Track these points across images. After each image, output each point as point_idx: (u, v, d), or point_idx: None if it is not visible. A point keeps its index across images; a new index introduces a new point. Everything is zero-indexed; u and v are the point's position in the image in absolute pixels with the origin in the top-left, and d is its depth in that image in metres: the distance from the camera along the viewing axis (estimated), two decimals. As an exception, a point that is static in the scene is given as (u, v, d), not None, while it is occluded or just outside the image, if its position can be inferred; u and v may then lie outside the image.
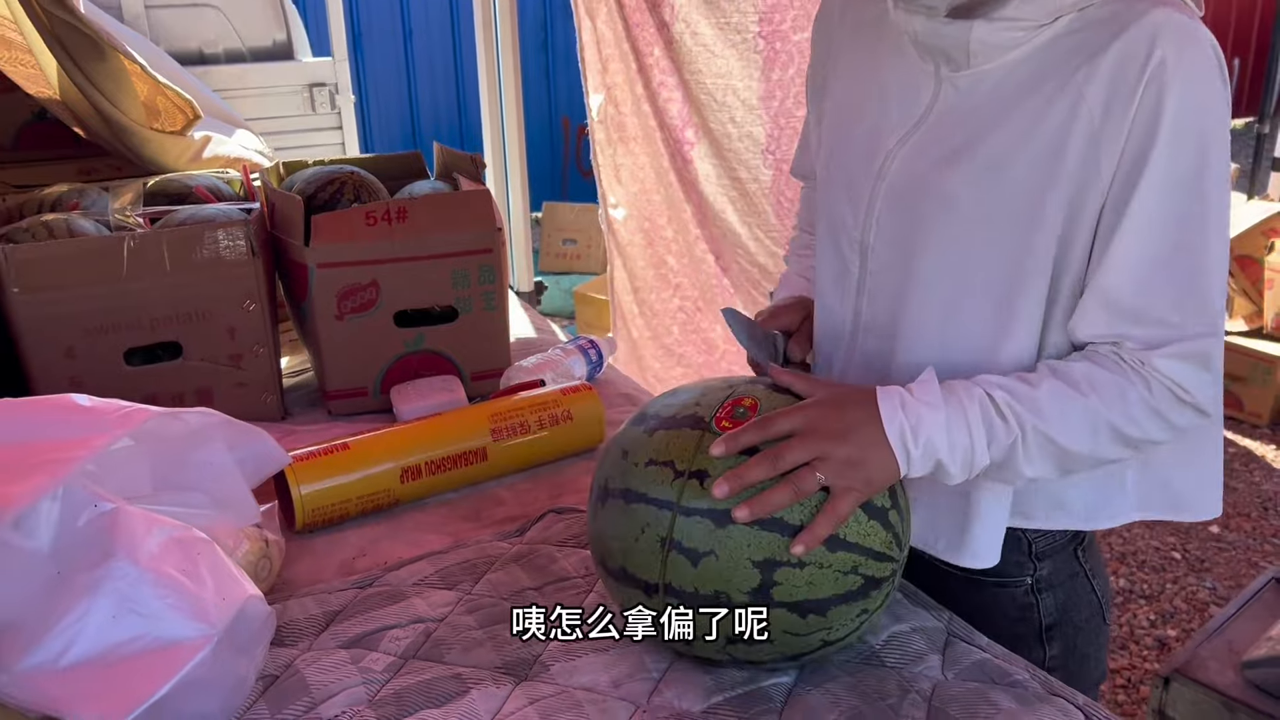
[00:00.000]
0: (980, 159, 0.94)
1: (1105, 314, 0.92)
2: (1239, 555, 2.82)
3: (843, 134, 1.09)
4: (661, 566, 0.85)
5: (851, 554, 0.84)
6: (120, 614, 0.83)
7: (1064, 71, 0.90)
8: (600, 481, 0.93)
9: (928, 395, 0.89)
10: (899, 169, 1.00)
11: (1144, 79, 0.86)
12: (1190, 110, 0.86)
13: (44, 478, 0.84)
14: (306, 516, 1.20)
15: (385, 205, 1.45)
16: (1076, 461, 0.92)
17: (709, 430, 0.87)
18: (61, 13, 1.74)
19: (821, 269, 1.13)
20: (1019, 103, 0.93)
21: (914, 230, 0.99)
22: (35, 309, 1.35)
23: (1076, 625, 1.11)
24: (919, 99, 1.00)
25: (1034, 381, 0.91)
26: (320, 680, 0.93)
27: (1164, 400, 0.90)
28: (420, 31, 6.13)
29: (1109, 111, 0.88)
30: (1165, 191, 0.87)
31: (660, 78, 2.82)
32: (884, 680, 0.91)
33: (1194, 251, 0.89)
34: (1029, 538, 1.07)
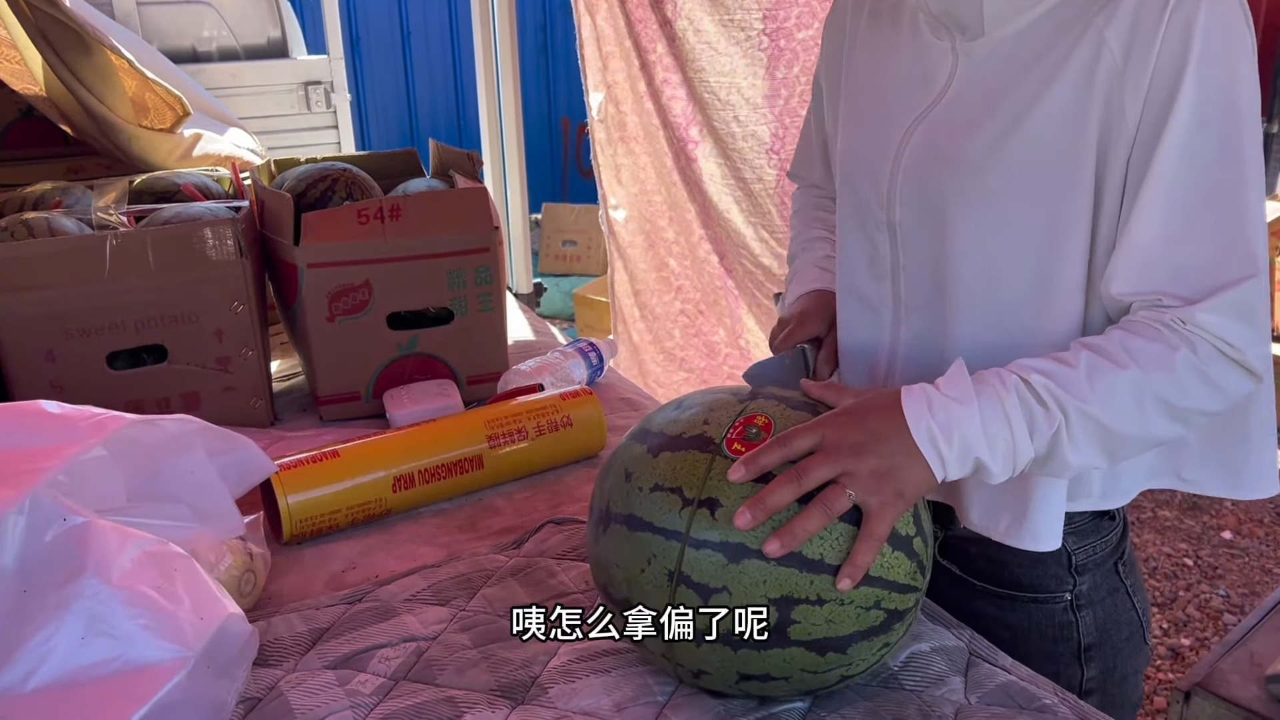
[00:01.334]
0: (999, 121, 0.90)
1: (1138, 265, 0.86)
2: (1252, 562, 2.77)
3: (860, 120, 1.06)
4: (669, 600, 0.79)
5: (874, 589, 0.78)
6: (90, 635, 0.78)
7: (1081, 21, 0.86)
8: (602, 503, 0.86)
9: (957, 390, 0.82)
10: (917, 142, 0.97)
11: (1165, 15, 0.82)
12: (1216, 47, 0.82)
13: (9, 490, 0.79)
14: (294, 527, 1.14)
15: (378, 203, 1.40)
16: (1124, 443, 0.85)
17: (720, 454, 0.80)
18: (46, 6, 1.69)
19: (850, 257, 1.08)
20: (1037, 61, 0.89)
21: (940, 204, 0.95)
22: (14, 310, 1.30)
23: (1117, 645, 1.05)
24: (936, 77, 0.97)
25: (1070, 360, 0.84)
26: (305, 704, 0.87)
27: (1211, 361, 0.83)
28: (418, 32, 6.09)
29: (1131, 50, 0.84)
30: (1195, 130, 0.83)
31: (664, 75, 2.77)
32: (903, 705, 0.85)
33: (1229, 191, 0.84)
34: (1069, 549, 1.01)
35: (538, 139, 5.75)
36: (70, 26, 1.74)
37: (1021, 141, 0.89)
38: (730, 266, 2.93)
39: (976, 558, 1.05)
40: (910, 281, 1.01)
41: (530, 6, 6.07)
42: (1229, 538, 2.90)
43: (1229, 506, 3.07)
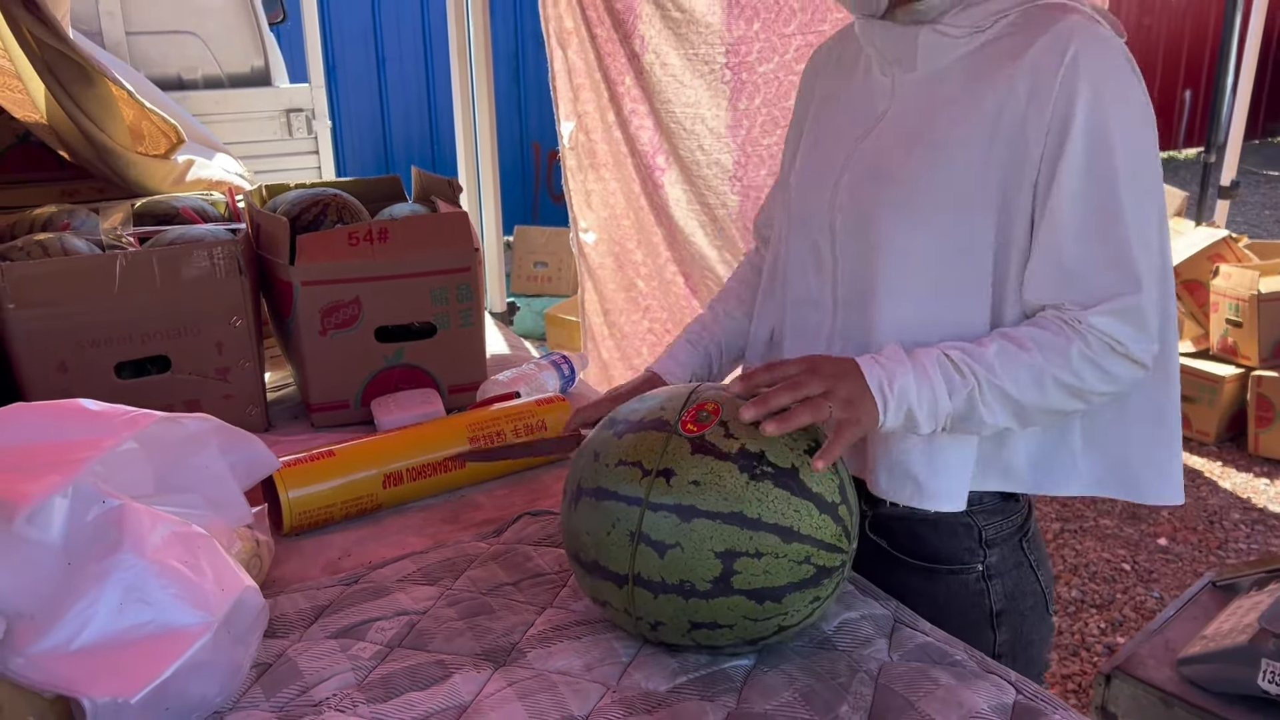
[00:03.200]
0: (923, 146, 1.08)
1: (1048, 278, 1.04)
2: (1185, 566, 2.94)
3: (814, 145, 1.24)
4: (631, 559, 0.93)
5: (805, 545, 0.92)
6: (127, 602, 0.90)
7: (995, 69, 1.05)
8: (574, 482, 1.00)
9: (894, 356, 1.02)
10: (858, 159, 1.14)
11: (1060, 70, 1.00)
12: (1105, 95, 1.00)
13: (55, 476, 0.91)
14: (294, 519, 1.26)
15: (367, 226, 1.53)
16: (1031, 412, 1.03)
17: (675, 432, 0.94)
18: (53, 41, 1.81)
19: (797, 264, 1.22)
20: (958, 96, 1.07)
21: (870, 211, 1.11)
22: (30, 324, 1.41)
23: (1022, 613, 1.20)
24: (877, 104, 1.16)
25: (984, 343, 1.03)
26: (312, 667, 0.99)
27: (1101, 352, 1.01)
28: (393, 60, 6.22)
29: (1033, 97, 1.01)
30: (1085, 169, 1.00)
31: (631, 105, 2.92)
32: (835, 662, 0.99)
33: (1115, 221, 1.00)
34: (979, 525, 1.17)
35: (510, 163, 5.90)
36: (74, 59, 1.85)
37: (940, 164, 1.06)
38: (695, 287, 3.07)
39: (900, 534, 1.20)
40: (845, 277, 1.16)
41: (503, 35, 6.22)
42: (1164, 544, 3.07)
43: (1165, 516, 3.24)
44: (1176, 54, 9.35)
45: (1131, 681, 1.68)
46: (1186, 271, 4.09)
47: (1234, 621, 1.71)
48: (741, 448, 0.93)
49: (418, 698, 0.94)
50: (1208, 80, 9.17)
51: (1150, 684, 1.66)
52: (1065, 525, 3.19)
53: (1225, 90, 4.75)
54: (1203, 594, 1.92)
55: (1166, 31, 9.20)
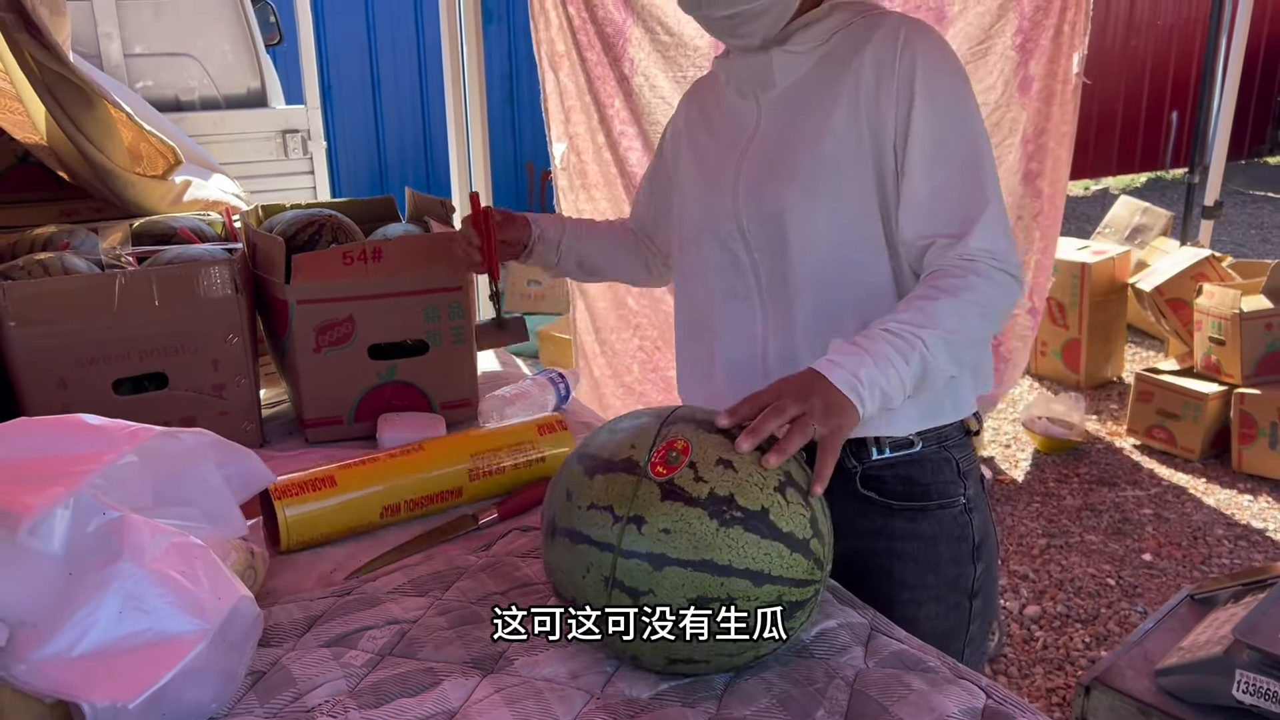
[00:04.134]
0: (805, 140, 1.25)
1: (914, 216, 1.21)
2: (1169, 581, 2.97)
3: (696, 173, 1.39)
4: (606, 600, 0.95)
5: (776, 586, 0.93)
6: (126, 610, 0.92)
7: (844, 65, 1.24)
8: (550, 517, 1.01)
9: (850, 351, 1.09)
10: (748, 168, 1.30)
11: (898, 49, 1.20)
12: (935, 62, 1.21)
13: (57, 488, 0.94)
14: (291, 542, 1.28)
15: (362, 246, 1.57)
16: (963, 347, 1.16)
17: (645, 476, 0.94)
18: (54, 64, 1.85)
19: (717, 274, 1.35)
20: (818, 97, 1.26)
21: (775, 206, 1.26)
22: (31, 341, 1.44)
23: (991, 546, 1.37)
24: (746, 124, 1.33)
25: (904, 308, 1.15)
26: (305, 674, 1.02)
27: (990, 273, 1.16)
28: (388, 81, 6.29)
29: (879, 76, 1.21)
30: (929, 119, 1.19)
31: (621, 127, 2.97)
32: (813, 669, 1.02)
33: (962, 157, 1.20)
34: (955, 458, 1.32)
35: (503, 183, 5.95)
36: (75, 82, 1.89)
37: (825, 149, 1.24)
38: (685, 306, 3.11)
39: (890, 479, 1.31)
40: (765, 269, 1.30)
41: (497, 58, 6.29)
42: (1149, 559, 3.11)
43: (1150, 531, 3.28)
44: (1163, 76, 9.46)
45: (1110, 692, 1.71)
46: (1171, 290, 4.15)
47: (1210, 633, 1.75)
48: (711, 492, 0.93)
49: (408, 704, 0.97)
50: (1193, 102, 9.27)
51: (1128, 694, 1.69)
52: (1051, 541, 3.23)
53: (1210, 112, 4.83)
54: (1181, 607, 1.96)
55: (1153, 54, 9.32)
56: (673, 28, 2.85)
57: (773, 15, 1.24)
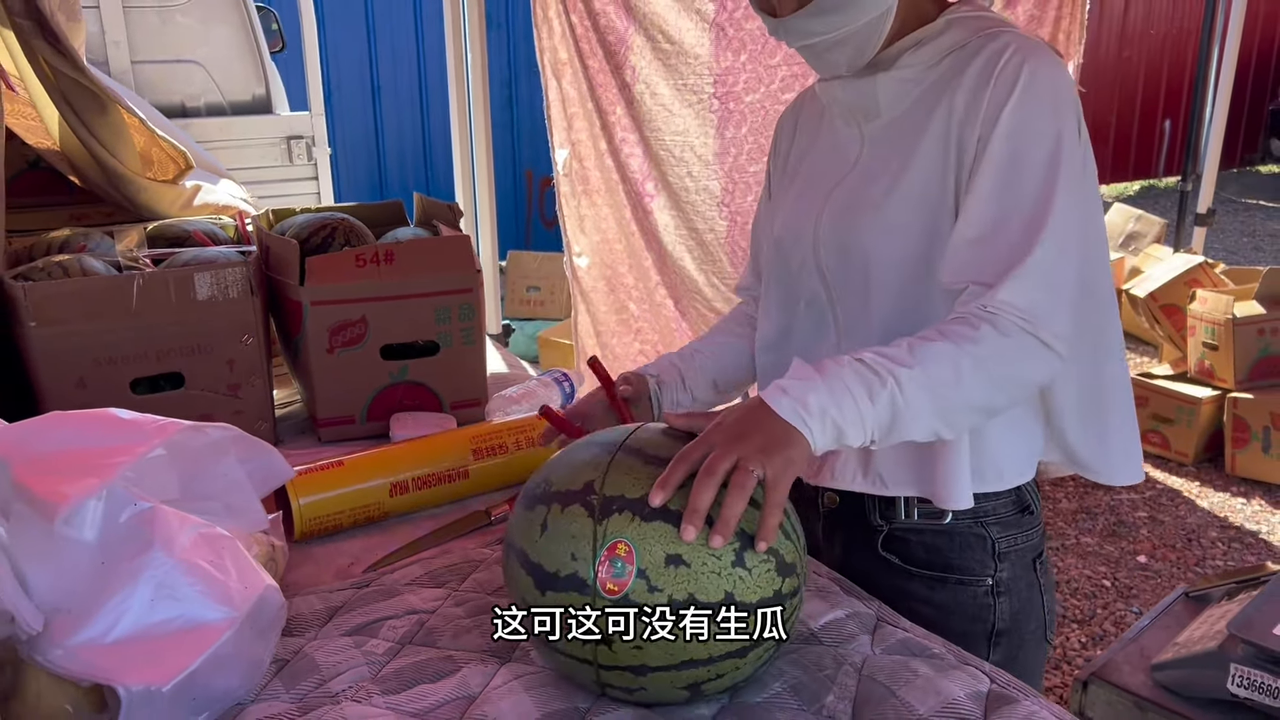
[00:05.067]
0: (892, 171, 1.14)
1: (955, 259, 1.07)
2: (1164, 583, 3.01)
3: (791, 198, 1.29)
4: (600, 691, 0.96)
5: (761, 644, 0.91)
6: (158, 598, 0.95)
7: (944, 92, 1.12)
8: (520, 603, 0.95)
9: (803, 375, 0.98)
10: (835, 200, 1.20)
11: (994, 75, 1.07)
12: (1034, 94, 1.06)
13: (90, 480, 0.97)
14: (305, 526, 1.32)
15: (374, 249, 1.60)
16: (953, 406, 1.01)
17: (597, 595, 0.88)
18: (69, 70, 1.88)
19: (789, 307, 1.27)
20: (914, 126, 1.14)
21: (857, 240, 1.16)
22: (50, 342, 1.47)
23: (1023, 636, 1.23)
24: (848, 154, 1.22)
25: (895, 344, 1.02)
26: (328, 662, 1.05)
27: (1012, 332, 1.01)
28: (388, 89, 6.33)
29: (970, 103, 1.09)
30: (1006, 153, 1.05)
31: (622, 134, 3.00)
32: (821, 656, 1.05)
33: (1028, 199, 1.04)
34: (992, 537, 1.21)
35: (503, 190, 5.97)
36: (89, 87, 1.92)
37: (905, 186, 1.13)
38: (684, 310, 3.15)
39: (915, 545, 1.23)
40: (843, 308, 1.20)
41: (498, 65, 6.33)
42: (1144, 561, 3.14)
43: (1145, 534, 3.32)
44: (1156, 85, 9.54)
45: (1107, 687, 1.74)
46: (1164, 296, 4.20)
47: (1205, 629, 1.78)
48: (670, 600, 0.87)
49: (429, 689, 1.00)
50: (1186, 111, 9.35)
51: (1125, 689, 1.72)
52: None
53: (1203, 120, 4.89)
54: (1176, 604, 1.99)
55: (1146, 64, 9.40)
56: (674, 36, 2.89)
57: (854, 45, 1.12)
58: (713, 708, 0.98)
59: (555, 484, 0.94)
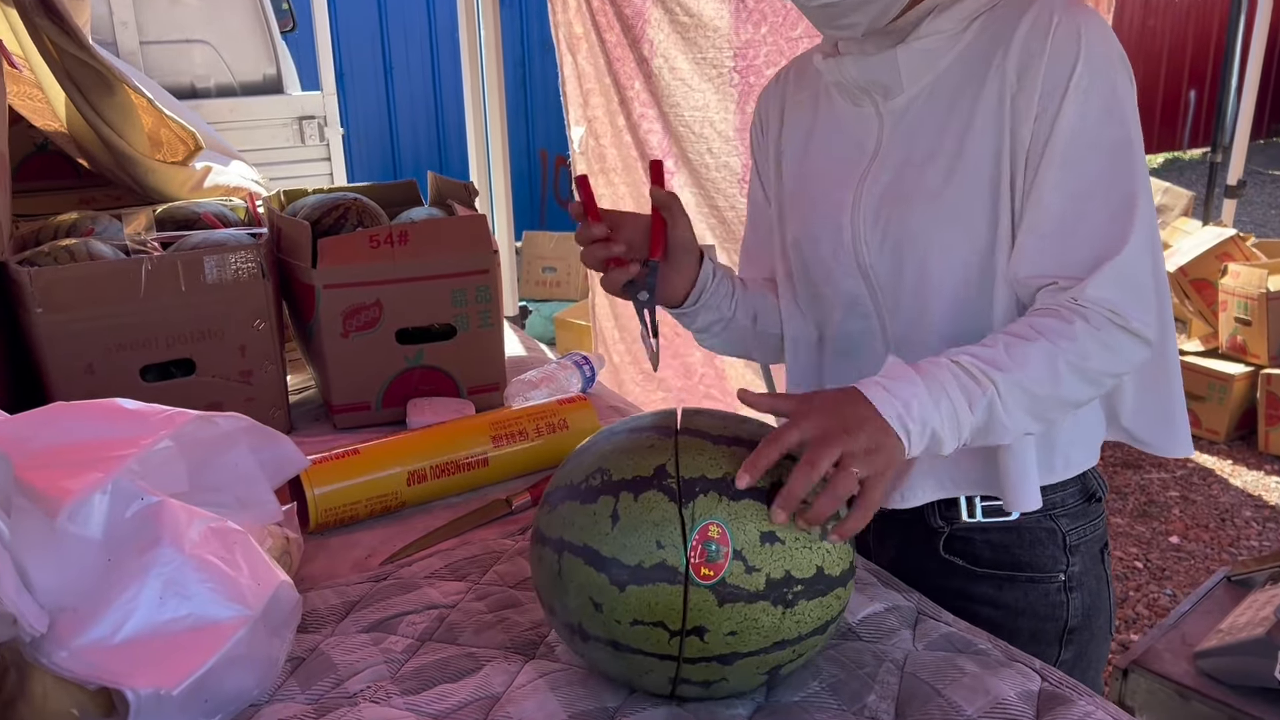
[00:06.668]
0: (943, 156, 1.04)
1: (1035, 251, 1.00)
2: (1198, 564, 2.94)
3: (806, 202, 1.18)
4: (671, 691, 0.90)
5: (838, 621, 0.91)
6: (167, 596, 0.91)
7: (985, 61, 1.02)
8: (571, 619, 0.89)
9: (903, 376, 0.93)
10: (871, 190, 1.09)
11: (1048, 43, 0.98)
12: (1095, 61, 0.98)
13: (96, 473, 0.93)
14: (320, 517, 1.28)
15: (388, 229, 1.55)
16: (1047, 405, 0.97)
17: (690, 583, 0.83)
18: (74, 49, 1.83)
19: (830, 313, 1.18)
20: (956, 102, 1.04)
21: (908, 235, 1.07)
22: (57, 328, 1.43)
23: (1093, 631, 1.16)
24: (866, 140, 1.11)
25: (989, 343, 0.97)
26: (345, 660, 1.00)
27: (1105, 328, 0.97)
28: (400, 68, 6.27)
29: (1023, 73, 1.00)
30: (1078, 129, 0.98)
31: (641, 110, 2.94)
32: (861, 653, 1.00)
33: (1105, 186, 0.98)
34: (1063, 530, 1.13)
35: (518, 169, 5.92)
36: (95, 68, 1.87)
37: (965, 168, 1.03)
38: (705, 290, 3.08)
39: (981, 545, 1.15)
40: (895, 318, 1.11)
41: (510, 43, 6.25)
42: (1176, 542, 3.08)
43: (1177, 514, 3.25)
44: (1180, 55, 9.36)
45: (1148, 675, 1.69)
46: (1194, 271, 4.10)
47: (1250, 615, 1.72)
48: (767, 579, 0.84)
49: (450, 689, 0.96)
50: (1212, 81, 9.18)
51: (1167, 678, 1.67)
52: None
53: (1230, 90, 4.77)
54: (1217, 589, 1.93)
55: (1171, 32, 9.22)
56: (692, 8, 2.82)
57: (875, 9, 1.02)
58: (749, 708, 0.93)
59: (616, 472, 0.88)
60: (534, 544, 0.93)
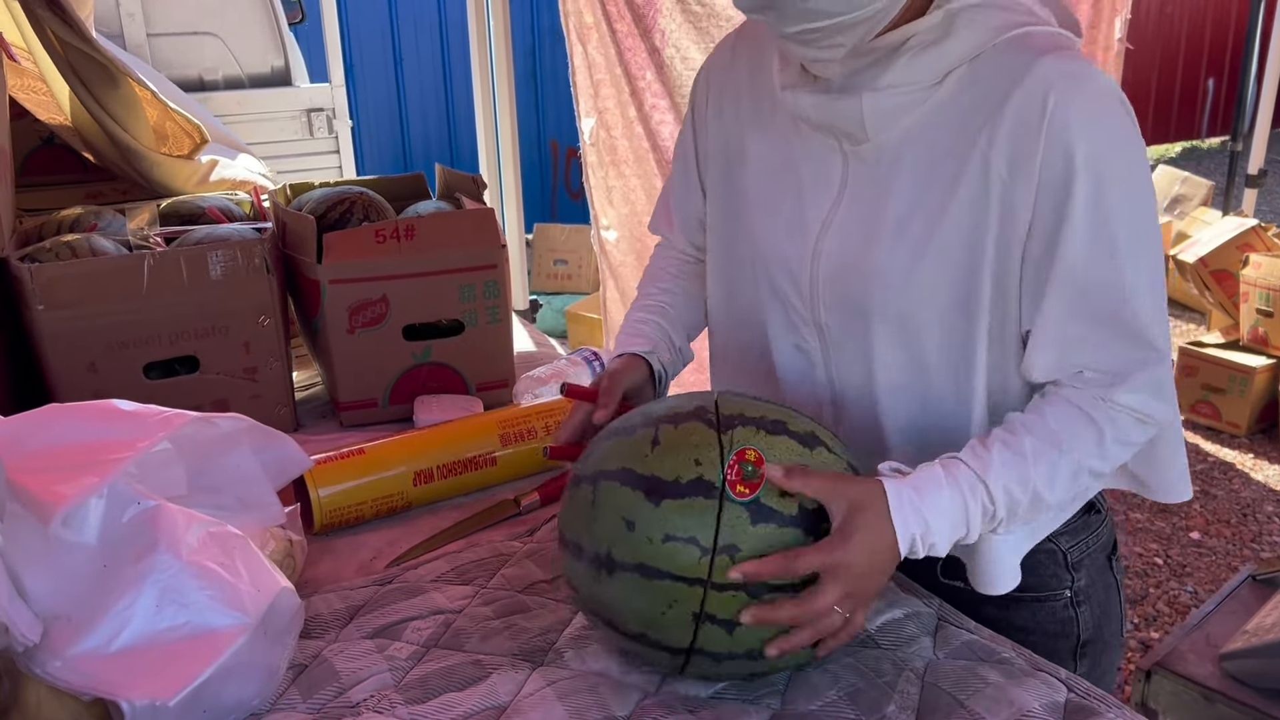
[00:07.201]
0: (909, 239, 0.98)
1: (1053, 359, 0.96)
2: (1219, 560, 2.90)
3: (765, 215, 1.10)
4: (692, 636, 0.86)
5: None
6: (164, 604, 0.89)
7: (967, 133, 0.93)
8: (598, 547, 0.87)
9: (937, 498, 0.90)
10: (832, 249, 1.03)
11: (1043, 131, 0.89)
12: (1095, 159, 0.89)
13: (91, 478, 0.90)
14: (325, 518, 1.25)
15: (394, 223, 1.52)
16: (1053, 506, 0.97)
17: (726, 498, 0.84)
18: (76, 41, 1.80)
19: (776, 338, 1.13)
20: (931, 172, 0.96)
21: (862, 306, 1.02)
22: (59, 325, 1.40)
23: (1106, 640, 1.13)
24: (831, 175, 1.03)
25: (1020, 449, 0.93)
26: (348, 668, 0.98)
27: (1129, 428, 0.96)
28: (410, 59, 6.23)
29: (1014, 168, 0.91)
30: (1091, 238, 0.91)
31: (652, 101, 2.90)
32: (880, 660, 0.96)
33: (1129, 291, 0.92)
34: (1062, 548, 1.09)
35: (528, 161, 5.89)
36: (98, 60, 1.85)
37: (933, 258, 0.97)
38: (718, 283, 3.05)
39: None
40: (842, 375, 1.08)
41: (520, 32, 6.21)
42: (1197, 538, 3.03)
43: (1198, 509, 3.20)
44: (1199, 43, 9.24)
45: (1172, 677, 1.65)
46: (1215, 261, 4.04)
47: (1277, 615, 1.68)
48: (800, 506, 0.86)
49: (456, 698, 0.93)
50: (1231, 69, 9.06)
51: (1191, 680, 1.64)
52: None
53: (1250, 78, 4.70)
54: (1242, 588, 1.89)
55: (1189, 20, 9.10)
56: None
57: (865, 28, 0.91)
58: (763, 715, 0.90)
59: (657, 413, 0.91)
60: (569, 490, 0.94)
